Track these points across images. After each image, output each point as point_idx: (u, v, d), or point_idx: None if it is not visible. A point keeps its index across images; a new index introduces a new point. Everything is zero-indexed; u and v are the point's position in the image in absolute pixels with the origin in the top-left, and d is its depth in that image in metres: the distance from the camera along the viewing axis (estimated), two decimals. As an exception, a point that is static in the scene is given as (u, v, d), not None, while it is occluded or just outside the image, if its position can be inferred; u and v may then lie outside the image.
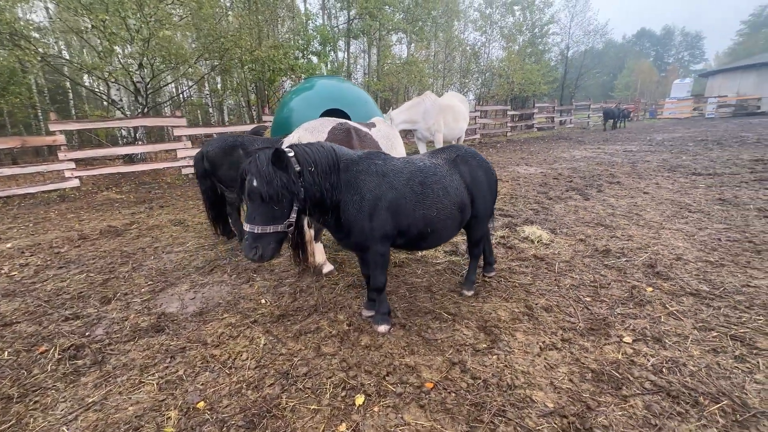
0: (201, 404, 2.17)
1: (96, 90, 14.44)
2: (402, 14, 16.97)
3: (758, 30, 65.02)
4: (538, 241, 4.54)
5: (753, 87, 29.96)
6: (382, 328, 2.81)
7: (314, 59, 15.14)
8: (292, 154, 2.28)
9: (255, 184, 2.13)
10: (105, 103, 14.47)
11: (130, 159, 12.42)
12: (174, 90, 20.31)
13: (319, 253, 3.87)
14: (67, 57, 15.85)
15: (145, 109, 12.81)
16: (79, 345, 2.78)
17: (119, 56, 10.91)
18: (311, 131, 3.52)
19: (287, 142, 3.80)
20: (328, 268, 3.90)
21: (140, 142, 13.00)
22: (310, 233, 3.79)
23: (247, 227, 2.20)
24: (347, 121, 3.78)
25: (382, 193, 2.53)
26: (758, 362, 2.30)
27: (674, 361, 2.35)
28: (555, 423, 1.94)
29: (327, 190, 2.35)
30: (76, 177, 9.04)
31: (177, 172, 11.70)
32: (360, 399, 2.13)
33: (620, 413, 1.98)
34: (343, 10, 20.25)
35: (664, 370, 2.28)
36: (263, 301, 3.39)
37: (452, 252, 4.35)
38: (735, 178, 7.36)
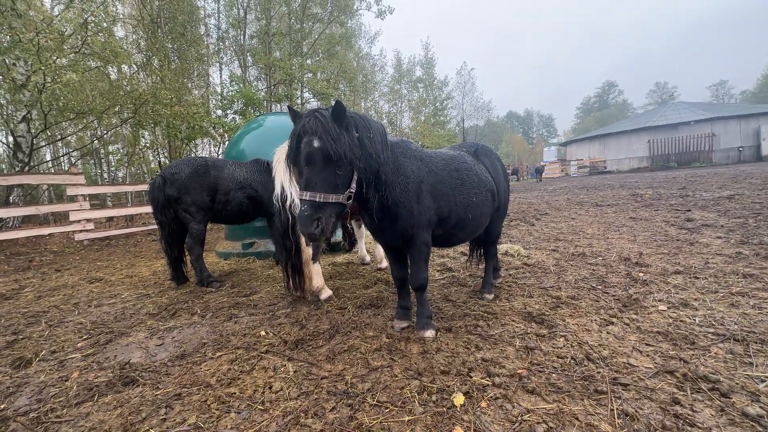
0: (248, 448, 1.52)
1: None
2: (326, 81, 18.10)
3: (588, 114, 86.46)
4: (518, 255, 4.69)
5: (598, 152, 38.25)
6: (429, 333, 2.45)
7: (237, 119, 14.87)
8: None
9: (317, 144, 1.81)
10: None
11: (-4, 226, 9.92)
12: (68, 144, 17.65)
13: (317, 275, 3.36)
14: None
15: (26, 168, 10.72)
16: (-2, 419, 1.81)
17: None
18: None
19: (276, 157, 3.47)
20: (326, 293, 3.38)
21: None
22: (308, 253, 3.32)
23: (305, 195, 1.81)
24: None
25: (424, 177, 2.38)
26: (770, 308, 2.56)
27: (713, 316, 2.48)
28: (670, 379, 1.81)
29: (383, 163, 2.11)
30: None
31: (66, 239, 9.73)
32: (459, 398, 1.73)
33: (713, 361, 1.95)
34: (260, 78, 20.83)
35: (713, 323, 2.38)
36: (263, 333, 2.73)
37: (447, 269, 4.21)
38: (628, 206, 8.88)
